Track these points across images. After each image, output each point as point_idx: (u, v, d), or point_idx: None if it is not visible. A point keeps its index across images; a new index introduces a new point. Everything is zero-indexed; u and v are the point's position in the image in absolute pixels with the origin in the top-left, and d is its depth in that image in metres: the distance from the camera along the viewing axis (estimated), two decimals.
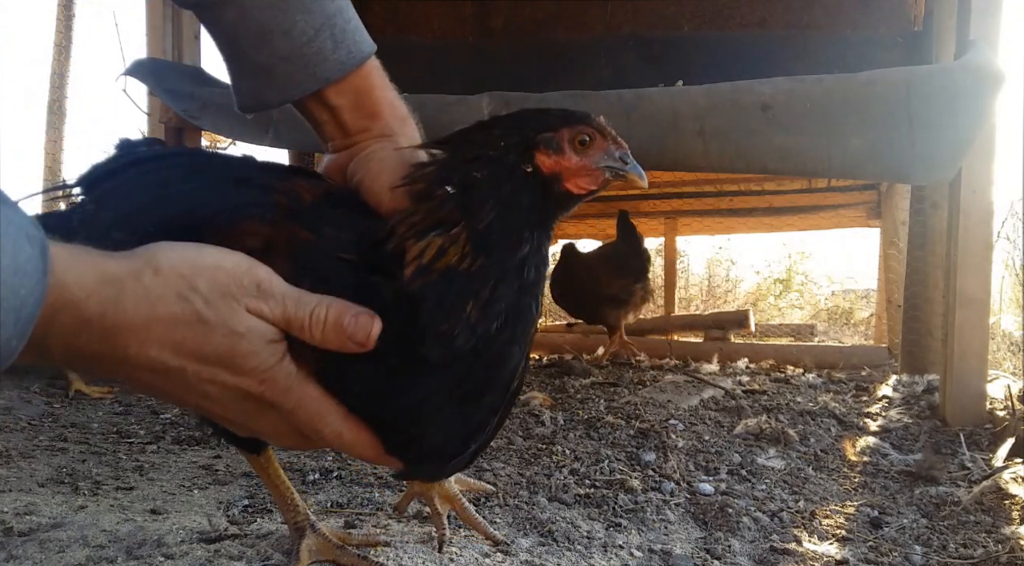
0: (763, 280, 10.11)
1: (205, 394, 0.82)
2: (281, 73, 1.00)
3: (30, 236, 0.68)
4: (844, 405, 2.87)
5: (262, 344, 0.80)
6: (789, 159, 2.12)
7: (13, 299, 0.66)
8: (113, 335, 0.75)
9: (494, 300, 0.84)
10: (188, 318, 0.77)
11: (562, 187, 0.89)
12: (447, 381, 0.85)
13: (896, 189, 4.45)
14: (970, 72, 2.13)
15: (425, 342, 0.83)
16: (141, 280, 0.75)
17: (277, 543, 1.20)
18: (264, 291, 0.81)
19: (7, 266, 0.65)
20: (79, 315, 0.72)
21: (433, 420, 0.86)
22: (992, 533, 1.53)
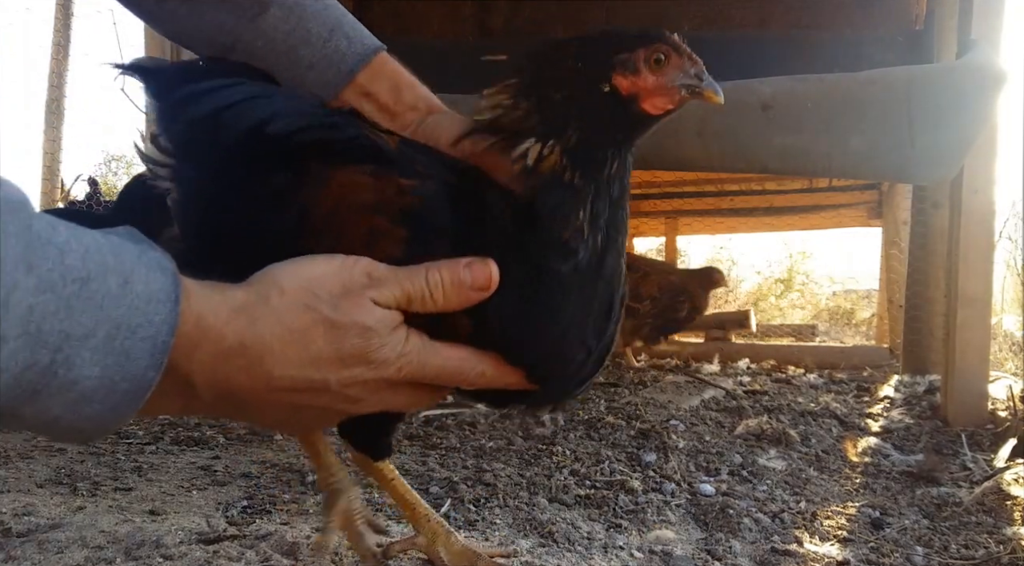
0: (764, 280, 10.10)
1: (349, 398, 0.83)
2: (312, 81, 1.07)
3: (162, 267, 0.71)
4: (845, 405, 2.87)
5: (388, 332, 0.81)
6: (790, 159, 2.12)
7: (149, 327, 0.68)
8: (256, 362, 0.76)
9: (595, 215, 0.87)
10: (321, 327, 0.78)
11: (640, 108, 0.89)
12: (574, 296, 0.86)
13: (897, 189, 4.44)
14: (971, 71, 2.12)
15: (548, 255, 0.85)
16: (270, 303, 0.77)
17: (276, 544, 1.19)
18: (376, 278, 0.82)
19: (140, 293, 0.68)
20: (219, 345, 0.74)
21: (572, 343, 0.88)
22: (994, 534, 1.52)
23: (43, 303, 0.63)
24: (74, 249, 0.66)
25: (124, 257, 0.69)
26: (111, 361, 0.67)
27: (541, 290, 0.85)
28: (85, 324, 0.65)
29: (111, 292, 0.66)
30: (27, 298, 0.62)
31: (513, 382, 0.90)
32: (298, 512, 1.44)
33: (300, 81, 1.07)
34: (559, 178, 0.86)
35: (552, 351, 0.88)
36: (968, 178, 2.44)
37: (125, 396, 0.69)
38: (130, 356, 0.68)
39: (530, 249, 0.85)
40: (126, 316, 0.67)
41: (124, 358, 0.68)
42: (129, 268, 0.68)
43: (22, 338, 0.62)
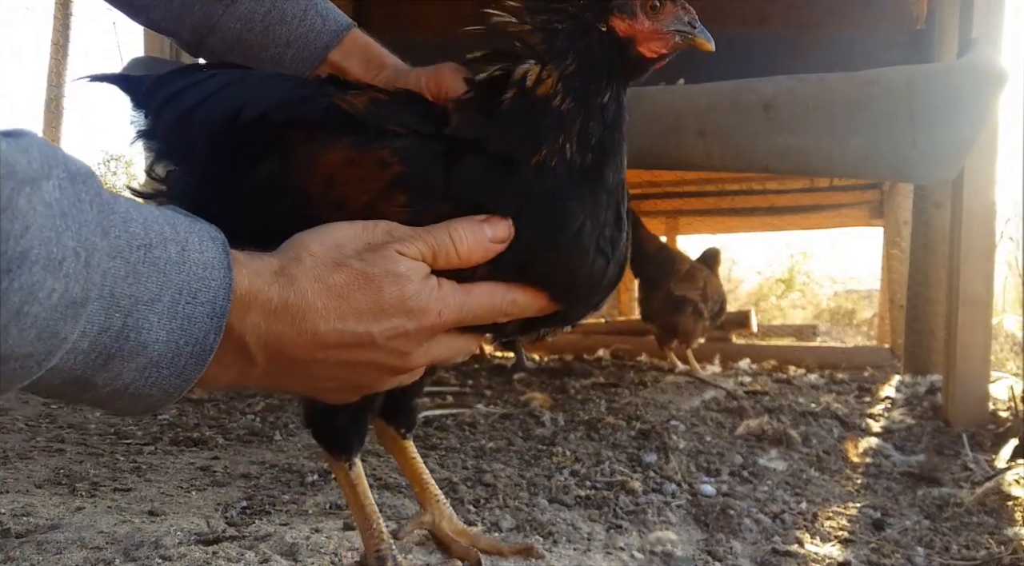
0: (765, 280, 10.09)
1: (396, 351, 0.86)
2: (291, 57, 1.14)
3: (212, 236, 0.76)
4: (846, 406, 2.86)
5: (421, 281, 0.85)
6: (791, 158, 2.11)
7: (207, 292, 0.72)
8: (302, 318, 0.79)
9: (586, 135, 0.92)
10: (355, 281, 0.82)
11: (636, 50, 0.95)
12: (574, 209, 0.91)
13: (899, 188, 4.44)
14: (972, 71, 2.11)
15: (533, 177, 0.90)
16: (303, 263, 0.81)
17: (275, 545, 1.19)
18: (397, 235, 0.86)
19: (197, 260, 0.72)
20: (267, 306, 0.78)
21: (589, 253, 0.92)
22: (995, 534, 1.52)
23: (114, 268, 0.66)
24: (135, 218, 0.69)
25: (179, 227, 0.73)
26: (175, 325, 0.70)
27: (538, 210, 0.90)
28: (151, 289, 0.69)
29: (172, 259, 0.70)
30: (103, 262, 0.65)
31: (544, 305, 0.94)
32: (297, 513, 1.44)
33: (279, 59, 1.14)
34: (551, 101, 0.91)
35: (569, 263, 0.92)
36: (969, 178, 2.44)
37: (190, 360, 0.72)
38: (192, 320, 0.71)
39: (517, 174, 0.90)
40: (186, 282, 0.71)
41: (187, 322, 0.71)
42: (184, 237, 0.72)
43: (99, 301, 0.65)
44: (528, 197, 0.90)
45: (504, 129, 0.91)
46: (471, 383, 3.30)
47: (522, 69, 0.92)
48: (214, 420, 2.35)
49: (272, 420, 2.38)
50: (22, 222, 0.59)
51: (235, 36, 1.13)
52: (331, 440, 1.08)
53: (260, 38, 1.14)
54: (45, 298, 0.61)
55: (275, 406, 2.62)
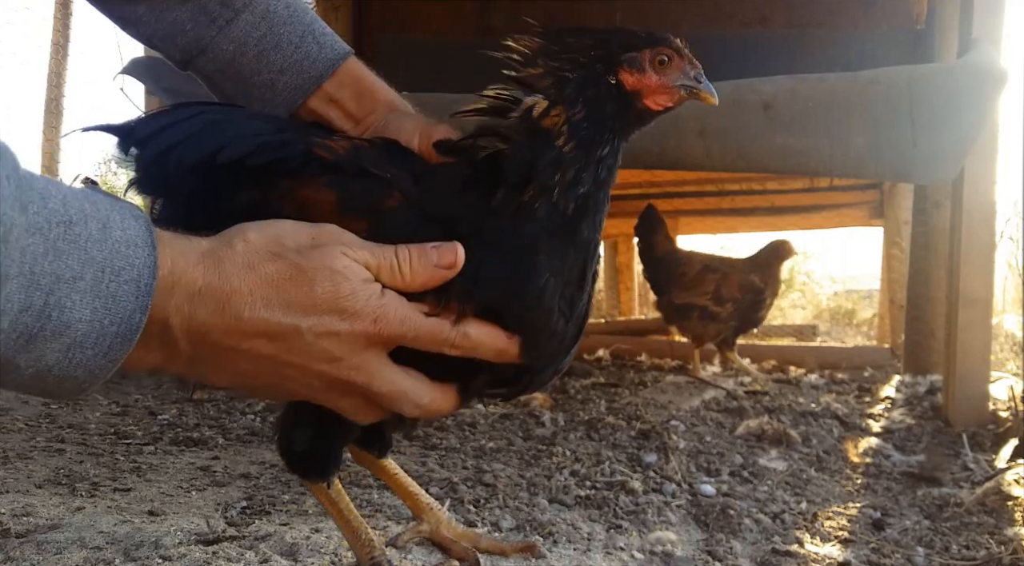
0: None
1: (325, 353, 0.82)
2: (283, 85, 1.10)
3: (135, 215, 0.74)
4: (846, 406, 2.86)
5: (360, 281, 0.82)
6: (791, 158, 2.11)
7: (131, 271, 0.70)
8: (224, 302, 0.77)
9: (575, 184, 0.93)
10: (288, 272, 0.79)
11: (642, 103, 0.97)
12: (552, 264, 0.92)
13: (899, 188, 4.44)
14: (973, 71, 2.11)
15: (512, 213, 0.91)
16: (234, 248, 0.79)
17: (275, 545, 1.19)
18: (346, 240, 0.84)
19: (119, 239, 0.70)
20: (191, 287, 0.75)
21: (552, 303, 0.92)
22: (995, 534, 1.52)
23: (33, 245, 0.64)
24: (53, 195, 0.67)
25: (99, 205, 0.71)
26: (99, 304, 0.69)
27: (509, 254, 0.90)
28: (72, 267, 0.67)
29: (93, 236, 0.68)
30: (22, 239, 0.63)
31: (502, 346, 0.90)
32: (297, 513, 1.44)
33: (271, 86, 1.10)
34: (551, 139, 0.92)
35: (529, 308, 0.91)
36: (969, 178, 2.44)
37: (115, 339, 0.70)
38: (116, 299, 0.69)
39: (498, 210, 0.91)
40: (109, 259, 0.69)
41: (111, 301, 0.69)
42: (105, 214, 0.70)
43: (18, 279, 0.64)
44: (502, 238, 0.90)
45: (503, 153, 0.92)
46: None
47: (531, 99, 0.93)
48: (214, 420, 2.35)
49: (272, 420, 2.38)
50: None
51: (227, 59, 1.10)
52: (306, 469, 1.06)
53: (253, 62, 1.10)
54: None
55: (275, 406, 2.62)
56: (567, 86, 0.94)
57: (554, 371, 1.01)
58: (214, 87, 1.16)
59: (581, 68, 0.95)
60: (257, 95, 1.11)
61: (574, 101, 0.93)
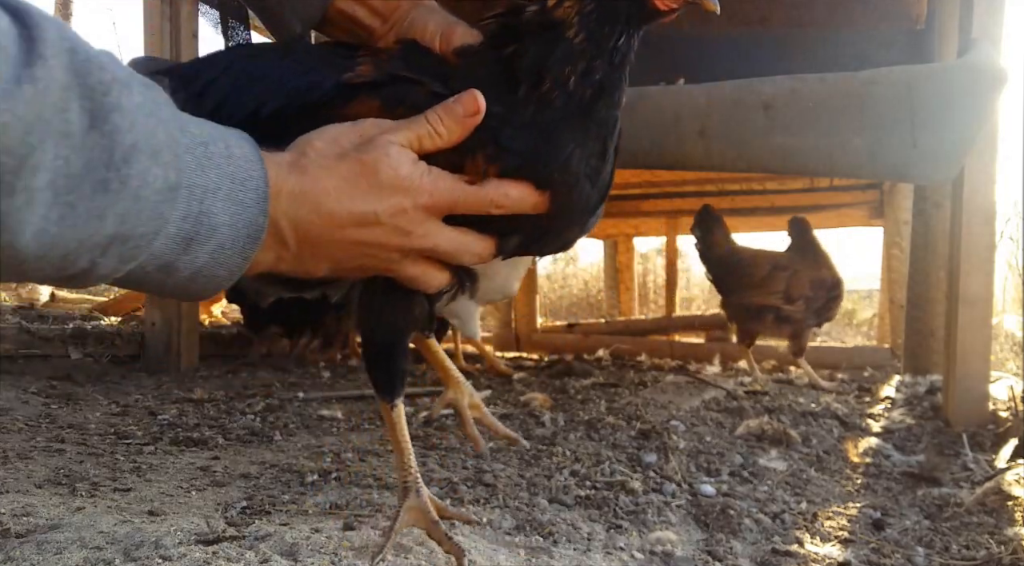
0: None
1: (397, 228, 0.97)
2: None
3: (241, 135, 0.87)
4: (846, 406, 2.86)
5: (411, 163, 0.97)
6: (791, 159, 2.11)
7: (252, 181, 0.84)
8: (319, 203, 0.92)
9: (589, 72, 1.01)
10: (356, 168, 0.94)
11: (651, 3, 1.04)
12: (566, 133, 1.02)
13: (898, 188, 4.44)
14: (972, 71, 2.11)
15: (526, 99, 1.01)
16: (309, 157, 0.93)
17: (275, 545, 1.19)
18: (385, 127, 0.98)
19: (239, 155, 0.83)
20: (291, 193, 0.90)
21: (577, 168, 1.03)
22: (995, 534, 1.52)
23: (190, 160, 0.78)
24: (189, 122, 0.81)
25: (218, 128, 0.84)
26: (234, 209, 0.82)
27: (539, 131, 1.02)
28: (214, 180, 0.80)
29: (223, 153, 0.81)
30: (184, 155, 0.77)
31: (536, 201, 1.04)
32: (297, 513, 1.44)
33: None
34: (564, 32, 1.01)
35: (561, 170, 1.03)
36: (969, 178, 2.44)
37: (247, 240, 0.84)
38: (244, 205, 0.83)
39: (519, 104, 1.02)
40: (236, 173, 0.82)
41: (241, 207, 0.83)
42: (225, 136, 0.84)
43: (184, 189, 0.77)
44: (525, 124, 1.01)
45: (518, 53, 1.02)
46: (471, 383, 3.30)
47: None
48: (214, 420, 2.35)
49: (272, 420, 2.38)
50: (129, 118, 0.70)
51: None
52: (381, 383, 1.23)
53: None
54: (153, 183, 0.73)
55: (275, 406, 2.62)
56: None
57: (580, 230, 1.14)
58: None
59: None
60: (290, 9, 1.18)
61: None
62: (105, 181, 0.68)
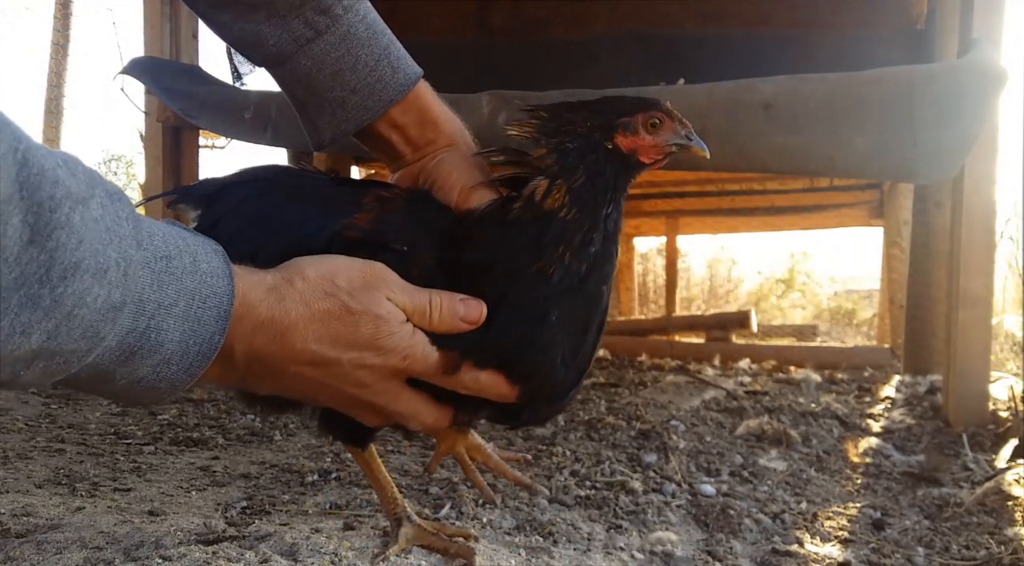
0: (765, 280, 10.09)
1: (357, 380, 0.96)
2: (353, 104, 1.15)
3: (215, 249, 0.85)
4: (846, 406, 2.86)
5: (398, 324, 0.95)
6: (791, 158, 2.11)
7: (215, 298, 0.81)
8: (282, 335, 0.89)
9: (585, 245, 1.02)
10: (338, 312, 0.92)
11: (637, 159, 1.07)
12: (561, 319, 1.02)
13: (899, 188, 4.44)
14: (973, 71, 2.11)
15: (524, 279, 1.00)
16: (294, 286, 0.91)
17: (275, 545, 1.19)
18: (390, 282, 0.97)
19: (206, 270, 0.81)
20: (256, 318, 0.87)
21: (556, 356, 1.03)
22: (995, 534, 1.52)
23: (144, 277, 0.76)
24: (156, 233, 0.79)
25: (187, 240, 0.82)
26: (187, 327, 0.80)
27: (528, 310, 1.01)
28: (171, 295, 0.78)
29: (187, 268, 0.79)
30: (137, 272, 0.75)
31: (505, 392, 1.03)
32: (297, 513, 1.44)
33: (343, 103, 1.15)
34: (556, 214, 1.01)
35: (534, 362, 1.02)
36: (969, 177, 2.44)
37: (196, 357, 0.81)
38: (201, 322, 0.81)
39: (513, 273, 1.01)
40: (198, 289, 0.80)
41: (197, 324, 0.80)
42: (193, 249, 0.82)
43: (131, 306, 0.75)
44: (519, 300, 1.01)
45: (510, 238, 1.01)
46: None
47: (532, 185, 1.03)
48: (214, 420, 2.35)
49: (272, 420, 2.38)
50: (77, 236, 0.68)
51: (304, 73, 1.13)
52: (346, 437, 1.22)
53: (328, 80, 1.13)
54: (92, 302, 0.70)
55: None
56: (568, 155, 1.03)
57: (553, 410, 1.14)
58: (287, 91, 1.20)
59: (580, 137, 1.04)
60: (328, 109, 1.16)
61: (575, 168, 1.03)
62: (36, 297, 0.66)
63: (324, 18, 1.11)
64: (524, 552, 1.26)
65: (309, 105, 1.18)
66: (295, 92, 1.18)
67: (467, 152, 1.16)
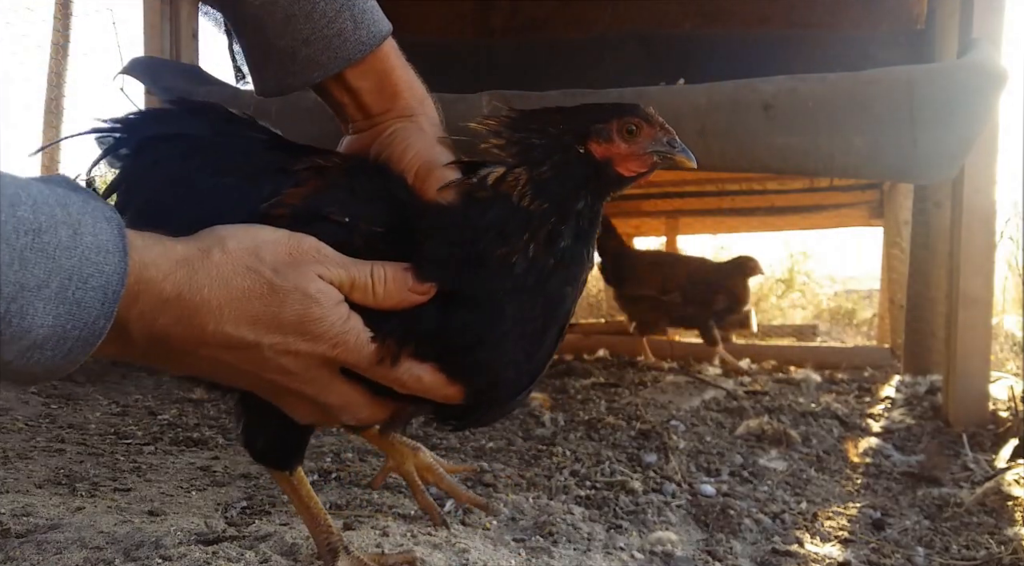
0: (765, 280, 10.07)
1: (281, 368, 0.84)
2: (304, 57, 1.02)
3: (107, 217, 0.72)
4: (846, 406, 2.86)
5: (332, 305, 0.84)
6: (791, 158, 2.11)
7: (100, 277, 0.70)
8: (191, 315, 0.78)
9: (554, 238, 0.94)
10: (260, 290, 0.80)
11: (614, 170, 1.00)
12: (519, 316, 0.93)
13: (899, 188, 4.43)
14: (972, 71, 2.11)
15: (486, 265, 0.91)
16: (211, 258, 0.79)
17: (275, 545, 1.19)
18: (323, 255, 0.85)
19: (90, 244, 0.69)
20: (158, 296, 0.76)
21: (508, 355, 0.94)
22: (995, 534, 1.52)
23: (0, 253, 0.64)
24: (24, 201, 0.67)
25: (71, 208, 0.70)
26: (63, 310, 0.69)
27: (483, 302, 0.92)
28: (38, 275, 0.67)
29: (62, 243, 0.68)
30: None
31: (450, 393, 0.92)
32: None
33: (292, 54, 1.02)
34: (509, 198, 0.94)
35: (488, 358, 0.93)
36: (969, 177, 2.43)
37: (77, 343, 0.71)
38: (82, 305, 0.69)
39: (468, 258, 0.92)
40: (78, 267, 0.69)
41: (76, 307, 0.69)
42: (77, 219, 0.69)
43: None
44: (476, 290, 0.91)
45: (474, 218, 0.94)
46: None
47: (485, 171, 0.96)
48: (214, 420, 2.35)
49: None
50: None
51: (252, 12, 1.01)
52: (271, 461, 1.11)
53: (279, 26, 1.01)
54: None
55: None
56: (533, 150, 0.97)
57: (501, 412, 1.04)
58: (238, 35, 1.08)
59: (548, 137, 0.98)
60: (275, 58, 1.03)
61: (539, 162, 0.96)
62: None
63: None
64: (524, 552, 1.26)
65: (255, 50, 1.05)
66: (245, 34, 1.05)
67: (427, 126, 1.04)
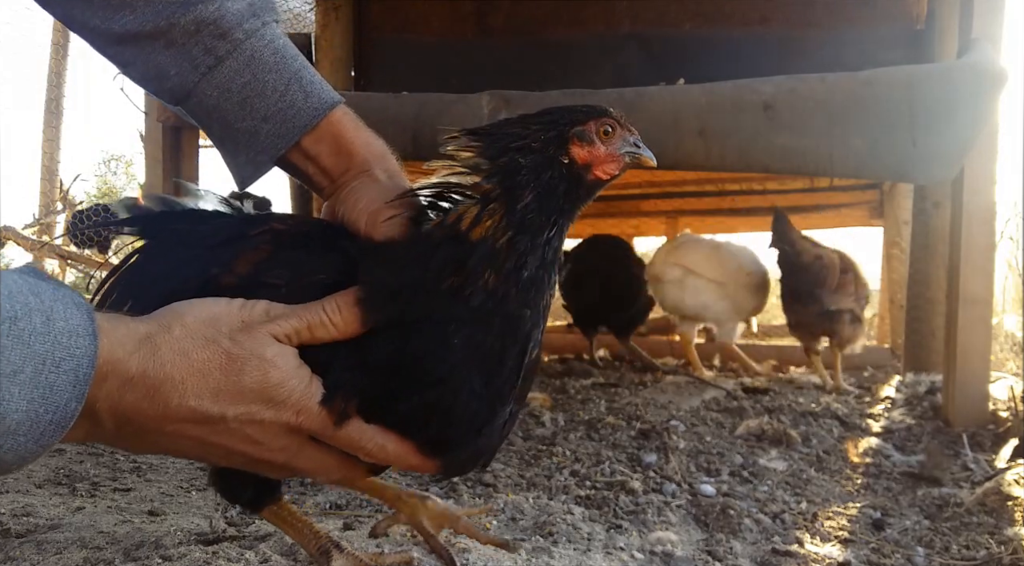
0: None
1: (248, 438, 0.85)
2: (266, 133, 1.07)
3: (77, 303, 0.75)
4: (846, 406, 2.86)
5: (291, 369, 0.85)
6: (791, 159, 2.11)
7: (71, 361, 0.72)
8: (155, 390, 0.79)
9: (518, 269, 0.92)
10: (219, 360, 0.82)
11: (592, 175, 0.99)
12: (469, 344, 0.90)
13: (899, 188, 4.43)
14: (972, 71, 2.11)
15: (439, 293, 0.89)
16: (171, 333, 0.81)
17: (275, 545, 1.19)
18: (273, 313, 0.87)
19: (62, 329, 0.72)
20: (124, 375, 0.78)
21: (462, 389, 0.91)
22: (995, 534, 1.52)
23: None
24: (3, 289, 0.69)
25: (43, 295, 0.73)
26: (37, 395, 0.70)
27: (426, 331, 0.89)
28: (14, 361, 0.69)
29: (36, 330, 0.70)
30: None
31: (417, 463, 0.92)
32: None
33: (255, 133, 1.07)
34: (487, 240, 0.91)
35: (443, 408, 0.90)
36: (969, 178, 2.44)
37: (49, 427, 0.72)
38: (54, 389, 0.71)
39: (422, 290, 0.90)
40: (50, 351, 0.71)
41: (48, 391, 0.71)
42: (49, 306, 0.72)
43: None
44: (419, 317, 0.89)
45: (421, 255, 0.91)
46: None
47: (459, 210, 0.93)
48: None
49: None
50: None
51: (212, 104, 1.07)
52: (248, 505, 1.11)
53: (237, 109, 1.06)
54: None
55: None
56: (519, 173, 0.93)
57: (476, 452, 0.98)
58: (205, 129, 1.13)
59: (534, 153, 0.95)
60: (242, 141, 1.08)
61: (522, 188, 0.93)
62: None
63: (224, 43, 1.03)
64: (524, 552, 1.26)
65: (226, 140, 1.10)
66: (211, 128, 1.10)
67: (382, 177, 1.06)
